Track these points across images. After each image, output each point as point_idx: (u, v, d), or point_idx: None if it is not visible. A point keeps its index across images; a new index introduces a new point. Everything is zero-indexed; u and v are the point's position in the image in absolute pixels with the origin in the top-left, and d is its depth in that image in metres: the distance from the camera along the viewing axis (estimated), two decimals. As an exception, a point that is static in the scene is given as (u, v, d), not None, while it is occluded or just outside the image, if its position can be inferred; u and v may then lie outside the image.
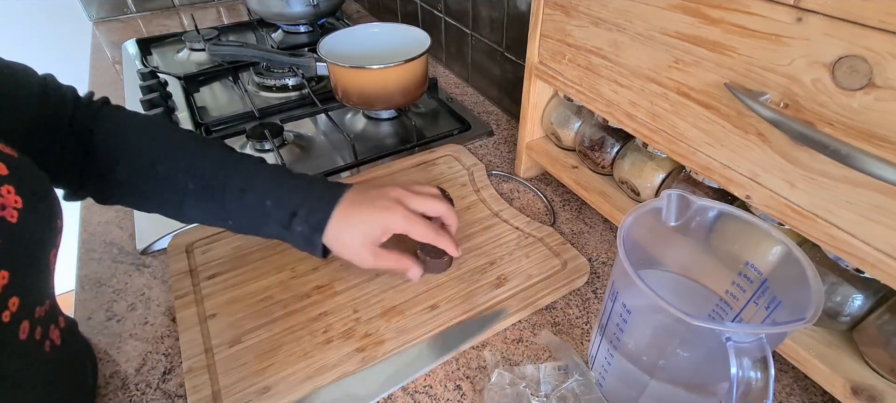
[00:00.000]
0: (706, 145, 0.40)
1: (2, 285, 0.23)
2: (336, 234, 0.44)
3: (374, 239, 0.45)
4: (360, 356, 0.44)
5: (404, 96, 0.76)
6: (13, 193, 0.25)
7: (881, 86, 0.28)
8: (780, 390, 0.43)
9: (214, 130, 0.78)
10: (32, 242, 0.26)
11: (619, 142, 0.56)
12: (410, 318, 0.47)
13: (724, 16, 0.35)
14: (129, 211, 0.62)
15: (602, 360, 0.40)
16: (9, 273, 0.24)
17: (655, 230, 0.38)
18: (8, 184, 0.25)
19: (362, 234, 0.44)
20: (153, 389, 0.43)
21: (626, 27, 0.43)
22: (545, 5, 0.52)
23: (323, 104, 0.82)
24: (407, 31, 0.81)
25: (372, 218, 0.44)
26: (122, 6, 1.25)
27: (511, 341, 0.47)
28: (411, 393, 0.43)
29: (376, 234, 0.44)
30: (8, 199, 0.25)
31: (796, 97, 0.32)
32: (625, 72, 0.45)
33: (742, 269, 0.36)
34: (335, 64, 0.73)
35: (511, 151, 0.74)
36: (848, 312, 0.38)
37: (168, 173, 0.43)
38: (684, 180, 0.48)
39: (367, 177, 0.65)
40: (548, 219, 0.61)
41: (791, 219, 0.36)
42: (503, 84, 0.84)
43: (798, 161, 0.34)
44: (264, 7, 1.04)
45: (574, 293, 0.51)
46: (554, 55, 0.54)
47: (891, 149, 0.29)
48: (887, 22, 0.27)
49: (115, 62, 1.04)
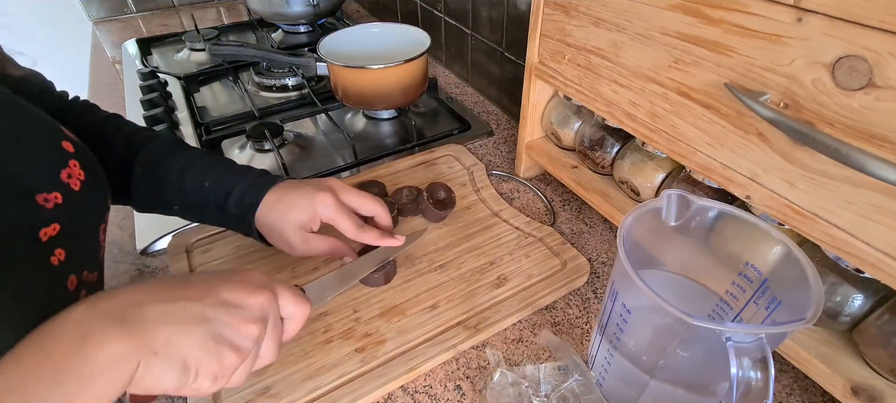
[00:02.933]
0: (706, 145, 0.40)
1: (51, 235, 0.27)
2: (266, 218, 0.45)
3: (302, 223, 0.45)
4: (360, 356, 0.44)
5: (404, 96, 0.76)
6: (78, 167, 0.30)
7: (881, 86, 0.28)
8: (780, 390, 0.43)
9: (214, 130, 0.78)
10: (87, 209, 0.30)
11: (619, 142, 0.56)
12: (410, 318, 0.47)
13: (724, 16, 0.35)
14: (129, 211, 0.62)
15: (602, 360, 0.40)
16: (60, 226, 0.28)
17: (655, 230, 0.38)
18: (74, 159, 0.30)
19: (293, 218, 0.45)
20: (153, 389, 0.43)
21: (626, 27, 0.43)
22: (545, 5, 0.52)
23: (323, 104, 0.82)
24: (407, 31, 0.81)
25: (302, 201, 0.44)
26: (122, 6, 1.25)
27: (511, 341, 0.47)
28: (411, 393, 0.43)
29: (304, 219, 0.44)
30: (74, 171, 0.29)
31: (796, 97, 0.32)
32: (625, 72, 0.45)
33: (742, 269, 0.36)
34: (335, 64, 0.73)
35: (511, 151, 0.74)
36: (848, 312, 0.38)
37: (121, 159, 0.45)
38: (684, 180, 0.48)
39: (367, 177, 0.65)
40: (548, 219, 0.61)
41: (791, 219, 0.36)
42: (503, 84, 0.84)
43: (798, 161, 0.34)
44: (264, 7, 1.04)
45: (574, 293, 0.51)
46: (554, 55, 0.54)
47: (891, 149, 0.29)
48: (887, 22, 0.26)
49: (115, 62, 1.04)
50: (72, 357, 0.25)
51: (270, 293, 0.34)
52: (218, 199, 0.45)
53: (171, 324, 0.28)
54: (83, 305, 0.27)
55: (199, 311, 0.30)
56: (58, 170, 0.29)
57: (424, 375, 0.44)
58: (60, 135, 0.32)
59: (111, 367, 0.26)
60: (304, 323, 0.37)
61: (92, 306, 0.27)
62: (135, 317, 0.27)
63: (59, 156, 0.30)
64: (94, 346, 0.25)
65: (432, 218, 0.58)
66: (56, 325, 0.26)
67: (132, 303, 0.28)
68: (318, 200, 0.45)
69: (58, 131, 0.32)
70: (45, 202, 0.28)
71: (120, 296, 0.28)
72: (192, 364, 0.29)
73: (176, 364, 0.28)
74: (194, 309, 0.30)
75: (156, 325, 0.28)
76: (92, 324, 0.26)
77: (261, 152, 0.73)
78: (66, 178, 0.29)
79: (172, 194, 0.46)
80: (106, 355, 0.25)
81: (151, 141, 0.47)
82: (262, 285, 0.34)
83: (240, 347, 0.31)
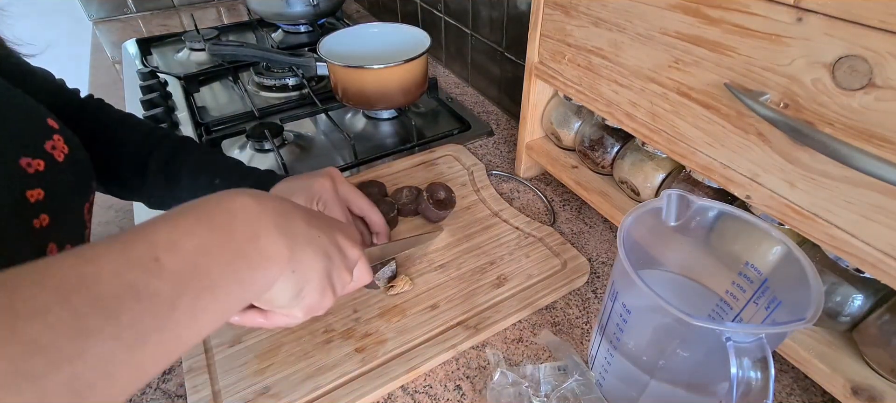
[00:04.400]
0: (706, 145, 0.40)
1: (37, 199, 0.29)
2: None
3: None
4: (360, 356, 0.44)
5: (404, 96, 0.76)
6: (62, 142, 0.31)
7: (881, 86, 0.28)
8: (780, 390, 0.43)
9: (214, 130, 0.78)
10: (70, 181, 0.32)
11: (619, 142, 0.56)
12: (410, 318, 0.47)
13: (724, 16, 0.35)
14: (129, 211, 0.62)
15: (602, 360, 0.40)
16: (44, 192, 0.29)
17: (655, 230, 0.38)
18: (58, 135, 0.31)
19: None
20: (153, 389, 0.43)
21: (626, 27, 0.43)
22: (545, 5, 0.52)
23: (323, 104, 0.82)
24: (407, 31, 0.81)
25: (301, 185, 0.46)
26: (122, 6, 1.25)
27: (511, 341, 0.47)
28: (411, 393, 0.43)
29: (302, 201, 0.46)
30: (58, 143, 0.31)
31: (796, 97, 0.32)
32: (625, 72, 0.45)
33: (742, 269, 0.36)
34: (335, 64, 0.73)
35: (511, 151, 0.74)
36: (848, 312, 0.38)
37: (136, 157, 0.48)
38: (684, 180, 0.48)
39: (367, 177, 0.65)
40: (548, 219, 0.61)
41: (791, 219, 0.36)
42: (503, 84, 0.84)
43: (798, 161, 0.34)
44: (264, 7, 1.04)
45: (574, 293, 0.51)
46: (554, 55, 0.54)
47: (891, 149, 0.29)
48: (887, 22, 0.26)
49: (115, 62, 1.04)
50: (248, 244, 0.26)
51: (360, 252, 0.36)
52: None
53: (310, 248, 0.30)
54: (249, 197, 0.28)
55: (325, 246, 0.32)
56: (42, 141, 0.30)
57: (424, 375, 0.44)
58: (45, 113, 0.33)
59: (269, 267, 0.27)
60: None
61: (259, 202, 0.28)
62: (290, 231, 0.29)
63: (43, 129, 0.31)
64: (266, 243, 0.27)
65: (432, 218, 0.58)
66: (232, 209, 0.27)
67: (287, 213, 0.29)
68: (317, 184, 0.46)
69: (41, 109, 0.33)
70: (28, 166, 0.29)
71: (276, 202, 0.29)
72: (306, 290, 0.31)
73: (299, 285, 0.30)
74: (323, 242, 0.32)
75: (302, 246, 0.30)
76: (264, 222, 0.27)
77: (261, 152, 0.73)
78: (49, 149, 0.30)
79: (185, 192, 0.49)
80: (271, 254, 0.27)
81: (165, 140, 0.50)
82: (358, 241, 0.36)
83: (336, 288, 0.33)
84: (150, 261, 0.22)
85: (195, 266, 0.24)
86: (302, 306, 0.32)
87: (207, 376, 0.42)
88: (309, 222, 0.31)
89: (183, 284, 0.23)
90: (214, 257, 0.25)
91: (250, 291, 0.27)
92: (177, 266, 0.23)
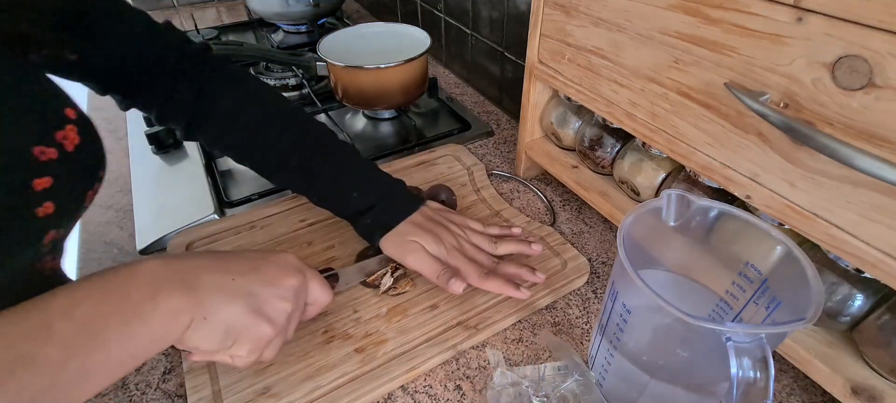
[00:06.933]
0: (706, 145, 0.40)
1: (44, 187, 0.29)
2: (391, 241, 0.50)
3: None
4: (360, 356, 0.44)
5: (404, 96, 0.76)
6: (75, 132, 0.32)
7: (881, 86, 0.28)
8: (780, 390, 0.43)
9: (214, 130, 0.78)
10: (78, 170, 0.32)
11: (619, 142, 0.56)
12: (410, 318, 0.47)
13: (724, 16, 0.35)
14: (129, 211, 0.62)
15: (602, 360, 0.40)
16: (53, 180, 0.29)
17: (655, 230, 0.38)
18: (72, 125, 0.32)
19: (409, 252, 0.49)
20: (153, 389, 0.43)
21: (626, 27, 0.43)
22: (545, 5, 0.52)
23: (323, 104, 0.82)
24: (407, 30, 0.81)
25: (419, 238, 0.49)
26: (122, 6, 1.25)
27: (511, 341, 0.47)
28: (411, 393, 0.43)
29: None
30: (70, 134, 0.31)
31: (796, 97, 0.32)
32: (625, 72, 0.45)
33: (742, 269, 0.36)
34: (335, 64, 0.73)
35: (511, 151, 0.74)
36: (848, 312, 0.38)
37: (275, 144, 0.51)
38: (684, 180, 0.48)
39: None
40: (548, 219, 0.61)
41: (791, 219, 0.36)
42: (503, 84, 0.84)
43: (798, 161, 0.34)
44: (264, 7, 1.04)
45: (574, 293, 0.51)
46: (554, 55, 0.54)
47: (891, 149, 0.29)
48: (887, 22, 0.26)
49: (115, 62, 1.03)
50: (145, 303, 0.30)
51: (303, 276, 0.39)
52: (360, 209, 0.51)
53: (221, 294, 0.33)
54: (157, 261, 0.32)
55: (244, 286, 0.35)
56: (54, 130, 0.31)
57: (424, 375, 0.44)
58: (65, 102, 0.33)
59: (170, 319, 0.30)
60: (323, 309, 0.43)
61: (165, 264, 0.32)
62: (194, 282, 0.32)
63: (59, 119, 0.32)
64: (164, 298, 0.30)
65: None
66: (134, 273, 0.30)
67: (194, 269, 0.33)
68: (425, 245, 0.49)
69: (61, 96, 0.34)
70: (40, 155, 0.30)
71: (185, 261, 0.33)
72: (233, 331, 0.34)
73: (220, 329, 0.33)
74: (241, 283, 0.35)
75: (209, 293, 0.33)
76: (165, 280, 0.31)
77: (261, 152, 0.73)
78: (61, 139, 0.31)
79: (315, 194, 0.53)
80: (169, 307, 0.30)
81: (307, 135, 0.53)
82: (297, 268, 0.39)
83: (274, 321, 0.36)
84: (42, 330, 0.26)
85: (87, 329, 0.27)
86: (239, 345, 0.35)
87: (207, 376, 0.42)
88: (223, 270, 0.34)
89: (73, 348, 0.26)
90: (107, 319, 0.28)
91: (154, 345, 0.30)
92: (68, 331, 0.26)
